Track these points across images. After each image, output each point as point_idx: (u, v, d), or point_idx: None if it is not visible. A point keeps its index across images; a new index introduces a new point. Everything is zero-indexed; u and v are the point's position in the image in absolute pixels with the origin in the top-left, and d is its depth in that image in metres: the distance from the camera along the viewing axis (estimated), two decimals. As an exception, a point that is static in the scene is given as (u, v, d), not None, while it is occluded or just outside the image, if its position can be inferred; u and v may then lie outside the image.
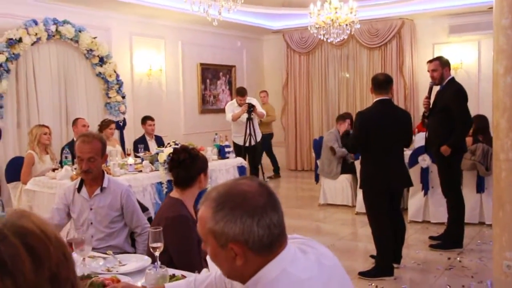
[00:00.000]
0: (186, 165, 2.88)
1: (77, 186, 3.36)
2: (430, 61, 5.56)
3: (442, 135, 5.31)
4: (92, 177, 3.29)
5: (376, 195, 4.72)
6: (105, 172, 3.43)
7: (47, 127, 6.21)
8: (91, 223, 3.29)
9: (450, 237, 5.50)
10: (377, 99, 4.69)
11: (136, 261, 2.72)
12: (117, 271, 2.54)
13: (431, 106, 5.53)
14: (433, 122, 5.48)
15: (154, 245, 2.34)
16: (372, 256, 5.07)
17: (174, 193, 2.96)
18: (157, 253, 2.35)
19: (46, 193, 5.40)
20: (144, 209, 3.58)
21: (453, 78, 5.44)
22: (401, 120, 4.76)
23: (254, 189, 1.44)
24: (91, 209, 3.31)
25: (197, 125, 10.12)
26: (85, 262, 2.55)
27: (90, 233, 2.98)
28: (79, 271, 2.36)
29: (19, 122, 7.04)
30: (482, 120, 6.25)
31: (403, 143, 4.91)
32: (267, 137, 9.77)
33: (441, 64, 5.40)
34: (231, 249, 1.39)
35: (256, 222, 1.38)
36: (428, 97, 5.57)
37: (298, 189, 9.88)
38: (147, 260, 2.68)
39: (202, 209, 1.46)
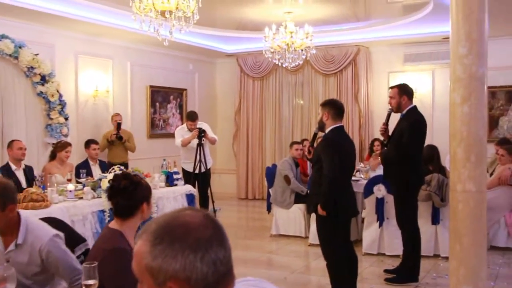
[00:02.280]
0: (127, 193, 2.71)
1: None
2: (391, 88, 5.68)
3: (398, 165, 5.33)
4: None
5: (341, 224, 4.66)
6: (21, 221, 2.86)
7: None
8: None
9: (406, 271, 5.49)
10: (336, 125, 4.67)
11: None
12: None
13: (390, 134, 5.57)
14: (390, 151, 5.51)
15: (88, 282, 2.18)
16: (326, 291, 4.99)
17: (114, 224, 2.78)
18: (91, 291, 2.18)
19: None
20: (81, 240, 3.38)
21: (414, 108, 5.47)
22: (354, 147, 4.91)
23: (198, 220, 1.31)
24: (8, 261, 2.78)
25: (145, 150, 9.89)
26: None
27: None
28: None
29: None
30: (431, 150, 6.35)
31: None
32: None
33: (399, 92, 5.45)
34: None
35: (199, 258, 1.25)
36: (386, 124, 5.61)
37: (249, 219, 9.77)
38: (80, 298, 2.48)
39: (139, 243, 1.33)
